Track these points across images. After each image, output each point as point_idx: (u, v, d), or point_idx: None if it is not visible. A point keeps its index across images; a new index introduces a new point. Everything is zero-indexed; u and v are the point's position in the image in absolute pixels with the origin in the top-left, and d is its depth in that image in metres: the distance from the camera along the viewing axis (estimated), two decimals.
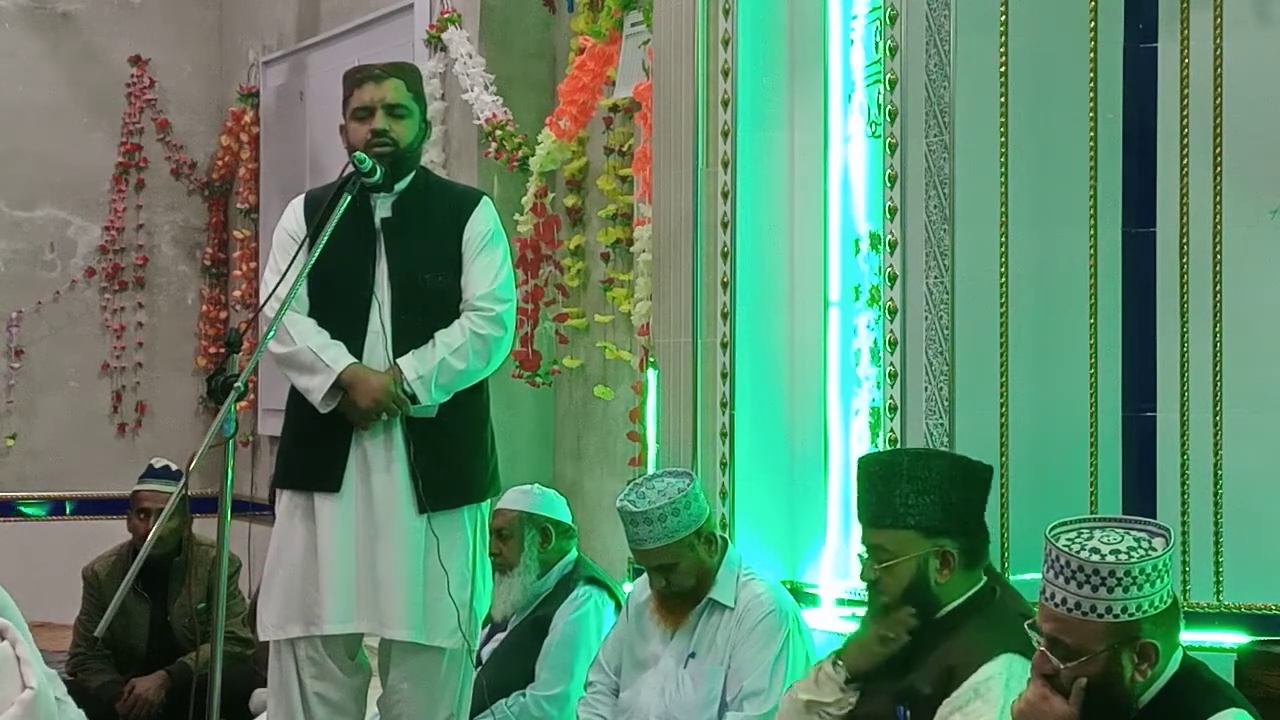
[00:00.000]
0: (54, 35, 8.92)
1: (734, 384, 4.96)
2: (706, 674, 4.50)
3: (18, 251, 8.86)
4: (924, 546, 3.51)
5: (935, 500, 3.52)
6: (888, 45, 4.41)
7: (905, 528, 3.52)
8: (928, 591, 3.52)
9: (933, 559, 3.51)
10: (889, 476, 3.57)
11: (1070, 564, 2.86)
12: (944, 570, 3.51)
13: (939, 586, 3.52)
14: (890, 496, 3.54)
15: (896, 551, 3.52)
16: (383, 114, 4.43)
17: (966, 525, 3.56)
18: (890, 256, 4.40)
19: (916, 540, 3.52)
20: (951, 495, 3.54)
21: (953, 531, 3.53)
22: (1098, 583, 2.84)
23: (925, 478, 3.54)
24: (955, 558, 3.52)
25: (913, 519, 3.52)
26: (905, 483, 3.53)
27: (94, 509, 8.70)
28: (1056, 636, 2.90)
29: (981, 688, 3.34)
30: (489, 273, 4.46)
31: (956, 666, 3.41)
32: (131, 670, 5.93)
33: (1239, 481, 4.14)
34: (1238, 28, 4.15)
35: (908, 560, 3.51)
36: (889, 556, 3.53)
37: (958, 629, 3.48)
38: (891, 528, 3.53)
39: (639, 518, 4.47)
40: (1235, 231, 4.15)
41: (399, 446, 4.39)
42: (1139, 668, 2.87)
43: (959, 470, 3.62)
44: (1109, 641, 2.86)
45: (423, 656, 4.43)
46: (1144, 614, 2.85)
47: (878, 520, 3.57)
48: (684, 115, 5.07)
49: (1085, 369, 4.22)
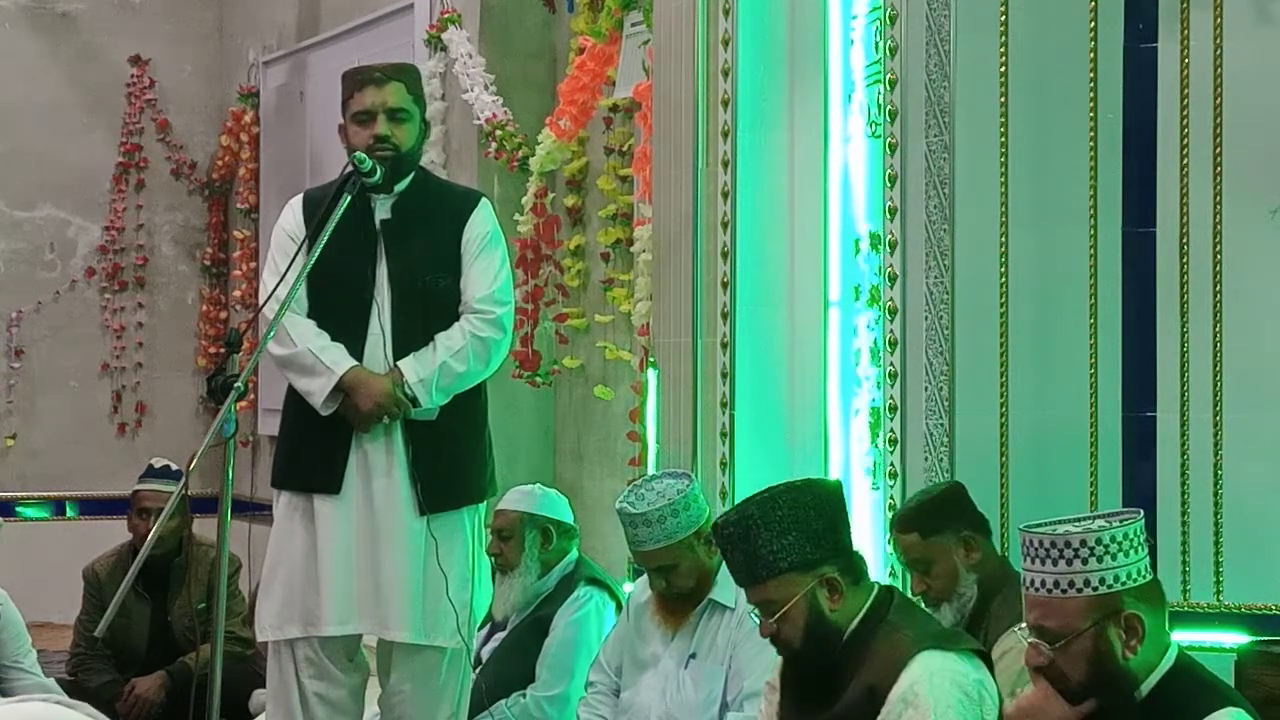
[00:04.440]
0: (54, 35, 8.91)
1: (734, 384, 4.96)
2: (707, 675, 4.49)
3: (18, 251, 8.85)
4: (807, 582, 3.43)
5: (799, 535, 3.44)
6: (888, 45, 4.41)
7: (781, 572, 3.44)
8: (826, 624, 3.43)
9: (819, 591, 3.43)
10: (745, 532, 3.47)
11: (1044, 543, 2.91)
12: (835, 596, 3.44)
13: (834, 614, 3.44)
14: (754, 549, 3.45)
15: (783, 598, 3.43)
16: (384, 119, 4.41)
17: (839, 545, 3.48)
18: (890, 256, 4.40)
19: (797, 579, 3.43)
20: (812, 524, 3.46)
21: (827, 557, 3.45)
22: (1071, 555, 2.88)
23: (780, 518, 3.45)
24: (840, 580, 3.44)
25: (784, 561, 3.43)
26: (763, 531, 3.44)
27: (94, 509, 8.69)
28: (1041, 623, 2.92)
29: (908, 694, 3.29)
30: (488, 275, 4.45)
31: (877, 684, 3.35)
32: (131, 670, 5.93)
33: (1239, 481, 4.14)
34: (1238, 28, 4.16)
35: (797, 601, 3.42)
36: (778, 606, 3.44)
37: (867, 646, 3.42)
38: (770, 578, 3.45)
39: (638, 519, 4.47)
40: (1235, 231, 4.15)
41: (399, 449, 4.39)
42: (1127, 644, 2.88)
43: (808, 497, 3.52)
44: (1093, 617, 2.87)
45: (424, 657, 4.43)
46: (1123, 585, 2.88)
47: (754, 577, 3.48)
48: (684, 115, 5.07)
49: (1085, 369, 4.22)
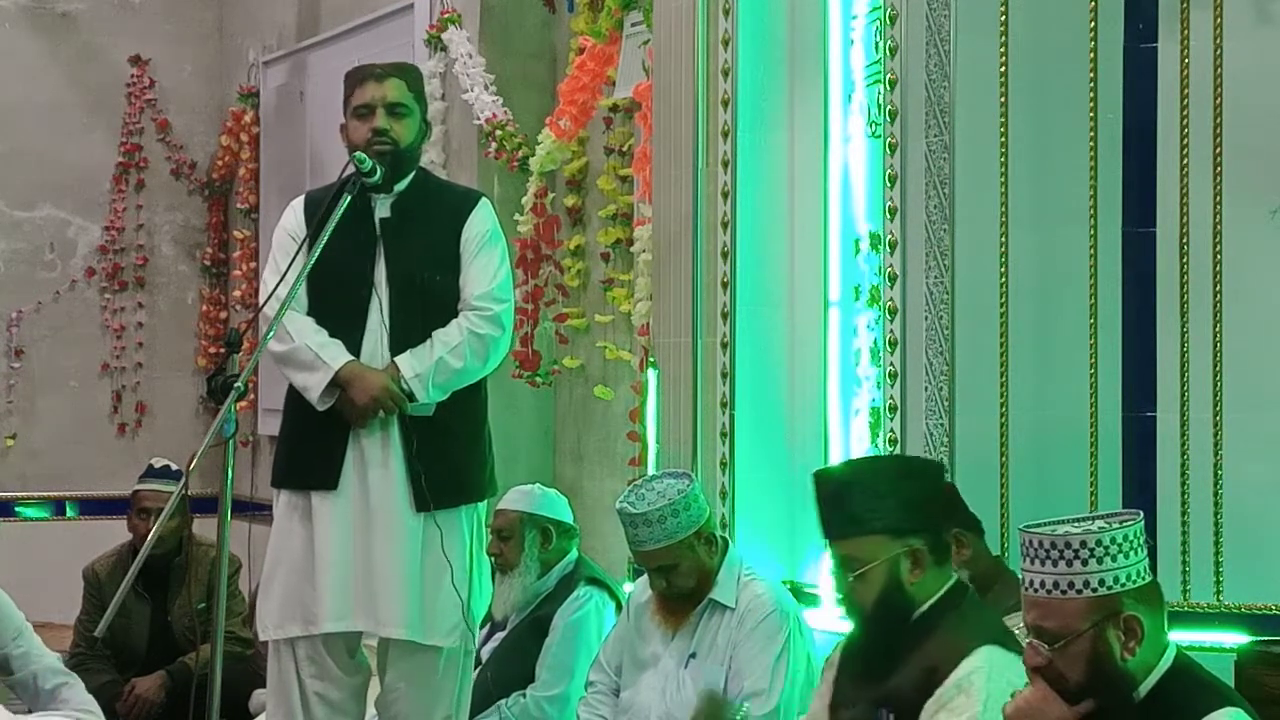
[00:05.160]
0: (54, 35, 8.90)
1: (734, 384, 4.96)
2: (707, 674, 4.49)
3: (18, 251, 8.84)
4: (893, 548, 3.44)
5: (895, 502, 3.45)
6: (888, 45, 4.41)
7: (871, 533, 3.44)
8: (902, 593, 3.44)
9: (903, 560, 3.44)
10: (844, 487, 3.50)
11: (1044, 544, 2.89)
12: (915, 570, 3.44)
13: (913, 587, 3.44)
14: (849, 506, 3.46)
15: (866, 558, 3.44)
16: (383, 113, 4.43)
17: (931, 522, 3.49)
18: (890, 256, 4.40)
19: (885, 543, 3.44)
20: (910, 494, 3.47)
21: (919, 529, 3.46)
22: (1071, 556, 2.86)
23: (879, 482, 3.48)
24: (926, 556, 3.45)
25: (877, 523, 3.44)
26: (861, 490, 3.47)
27: (94, 509, 8.68)
28: (1040, 624, 2.90)
29: (964, 682, 3.31)
30: (487, 272, 4.46)
31: (938, 665, 3.37)
32: (131, 670, 5.93)
33: (1239, 482, 4.14)
34: (1238, 28, 4.15)
35: (879, 565, 3.43)
36: (859, 564, 3.45)
37: (935, 628, 3.43)
38: (857, 536, 3.45)
39: (639, 519, 4.47)
40: (1235, 231, 4.15)
41: (396, 445, 4.39)
42: (1126, 645, 2.87)
43: (910, 469, 3.59)
44: (1092, 618, 2.86)
45: (420, 656, 4.43)
46: (1122, 587, 2.87)
47: (842, 532, 3.49)
48: (684, 115, 5.07)
49: (1085, 369, 4.22)
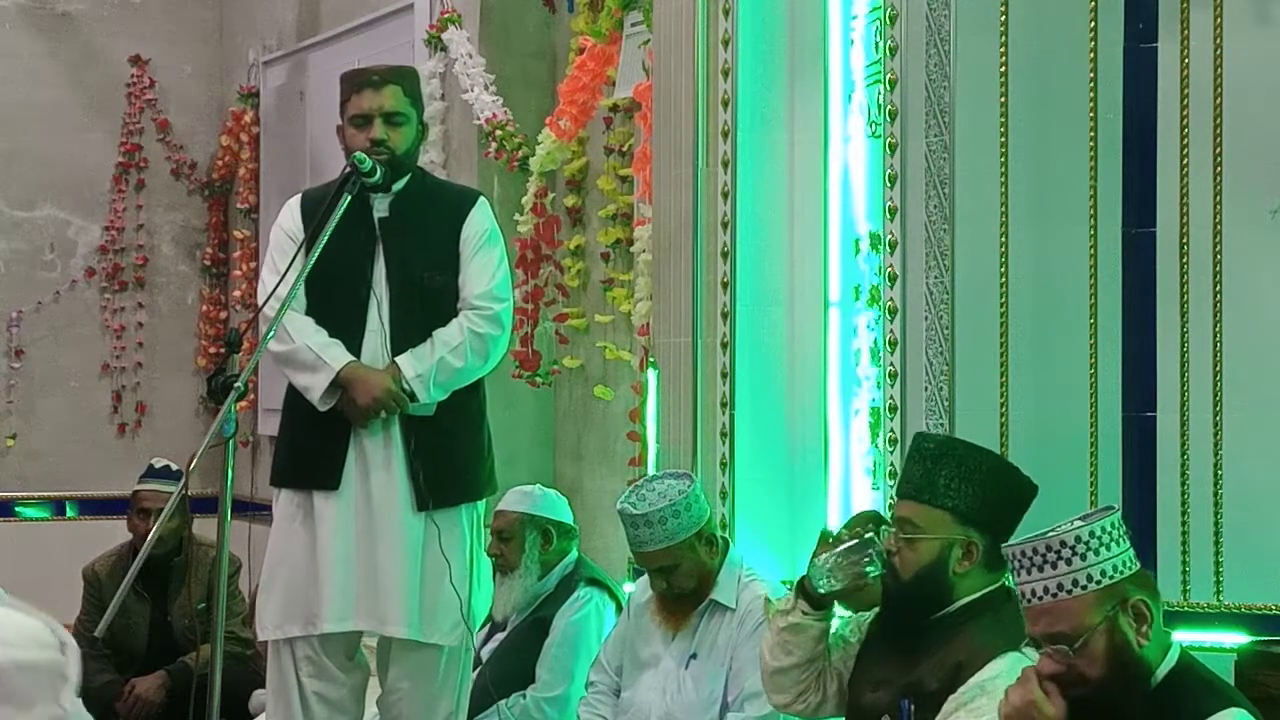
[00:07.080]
0: (54, 35, 8.91)
1: (734, 384, 4.96)
2: (708, 675, 4.49)
3: (18, 251, 8.84)
4: (953, 531, 3.47)
5: (977, 491, 3.48)
6: (888, 45, 4.41)
7: (940, 507, 3.48)
8: (943, 578, 3.47)
9: (957, 546, 3.47)
10: (940, 456, 3.52)
11: (1036, 549, 2.89)
12: (965, 561, 3.47)
13: (955, 576, 3.47)
14: (935, 475, 3.50)
15: (925, 528, 3.48)
16: (381, 123, 4.43)
17: (1000, 525, 3.50)
18: (890, 256, 4.40)
19: (947, 522, 3.48)
20: (994, 492, 3.50)
21: (985, 526, 3.49)
22: (1069, 555, 2.87)
23: (973, 468, 3.51)
24: (979, 553, 3.47)
25: (950, 500, 3.48)
26: (953, 466, 3.50)
27: (94, 509, 8.68)
28: (1051, 630, 2.89)
29: (988, 685, 3.32)
30: (486, 271, 4.46)
31: (964, 663, 3.39)
32: (131, 670, 5.93)
33: (1239, 481, 4.13)
34: (1238, 28, 4.15)
35: (933, 540, 3.47)
36: (915, 531, 3.48)
37: (968, 626, 3.45)
38: (928, 504, 3.49)
39: (639, 520, 4.47)
40: (1235, 231, 4.14)
41: (398, 445, 4.39)
42: (1140, 630, 2.87)
43: (1007, 473, 3.60)
44: (1103, 610, 2.86)
45: (421, 655, 4.43)
46: (1121, 575, 2.88)
47: (916, 494, 3.52)
48: (684, 115, 5.06)
49: (1085, 369, 4.22)
